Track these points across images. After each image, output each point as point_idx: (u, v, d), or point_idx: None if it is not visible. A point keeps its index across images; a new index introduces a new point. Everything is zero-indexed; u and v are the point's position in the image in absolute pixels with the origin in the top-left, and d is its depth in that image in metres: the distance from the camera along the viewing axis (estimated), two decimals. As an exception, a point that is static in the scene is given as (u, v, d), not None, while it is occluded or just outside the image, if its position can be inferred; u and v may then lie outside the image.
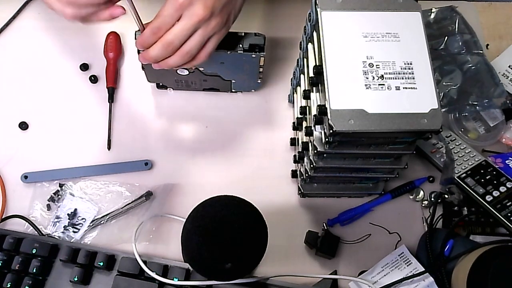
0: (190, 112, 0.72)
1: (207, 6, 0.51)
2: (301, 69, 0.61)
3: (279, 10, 0.80)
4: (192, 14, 0.51)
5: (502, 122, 0.70)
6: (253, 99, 0.73)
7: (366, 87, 0.47)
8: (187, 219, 0.51)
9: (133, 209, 0.66)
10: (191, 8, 0.51)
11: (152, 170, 0.69)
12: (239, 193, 0.53)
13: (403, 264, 0.61)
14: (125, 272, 0.60)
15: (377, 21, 0.50)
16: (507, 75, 0.73)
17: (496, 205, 0.63)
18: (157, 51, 0.54)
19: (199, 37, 0.53)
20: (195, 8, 0.51)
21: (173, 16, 0.52)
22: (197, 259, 0.49)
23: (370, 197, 0.68)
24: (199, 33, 0.53)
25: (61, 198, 0.66)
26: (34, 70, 0.74)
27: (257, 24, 0.78)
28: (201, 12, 0.51)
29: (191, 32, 0.53)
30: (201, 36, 0.53)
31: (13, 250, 0.61)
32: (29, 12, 0.78)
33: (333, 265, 0.64)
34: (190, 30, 0.52)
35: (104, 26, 0.75)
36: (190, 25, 0.52)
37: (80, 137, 0.70)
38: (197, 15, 0.51)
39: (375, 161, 0.56)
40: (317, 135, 0.53)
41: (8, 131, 0.70)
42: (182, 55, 0.54)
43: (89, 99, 0.73)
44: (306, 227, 0.65)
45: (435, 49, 0.73)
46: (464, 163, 0.67)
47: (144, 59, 0.56)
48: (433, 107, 0.47)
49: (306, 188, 0.64)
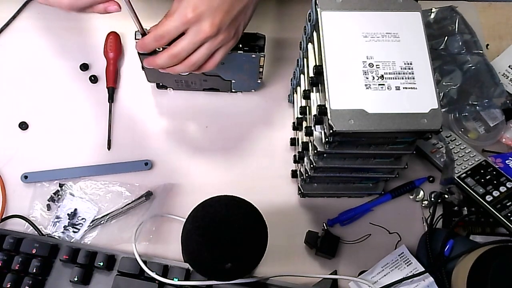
0: (190, 112, 0.72)
1: (214, 24, 0.51)
2: (301, 69, 0.61)
3: (279, 10, 0.80)
4: (199, 31, 0.51)
5: (502, 122, 0.70)
6: (253, 99, 0.73)
7: (366, 87, 0.47)
8: (187, 219, 0.51)
9: (133, 209, 0.66)
10: (198, 24, 0.51)
11: (152, 170, 0.69)
12: (239, 193, 0.53)
13: (403, 264, 0.61)
14: (125, 272, 0.60)
15: (377, 21, 0.50)
16: (507, 75, 0.73)
17: (496, 205, 0.63)
18: (163, 60, 0.54)
19: (205, 50, 0.54)
20: (202, 26, 0.51)
21: (178, 29, 0.52)
22: (197, 259, 0.49)
23: (370, 197, 0.68)
24: (206, 46, 0.53)
25: (61, 198, 0.66)
26: (34, 70, 0.74)
27: (257, 24, 0.78)
28: (208, 29, 0.51)
29: (197, 46, 0.53)
30: (208, 49, 0.54)
31: (13, 250, 0.61)
32: (29, 12, 0.78)
33: (333, 265, 0.64)
34: (197, 45, 0.53)
35: (104, 26, 0.76)
36: (197, 40, 0.52)
37: (80, 137, 0.70)
38: (204, 32, 0.51)
39: (375, 161, 0.56)
40: (317, 135, 0.53)
41: (8, 131, 0.70)
42: (189, 65, 0.55)
43: (89, 99, 0.73)
44: (306, 227, 0.65)
45: (435, 49, 0.73)
46: (464, 163, 0.67)
47: (149, 64, 0.56)
48: (433, 107, 0.47)
49: (306, 188, 0.64)
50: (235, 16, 0.54)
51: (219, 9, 0.51)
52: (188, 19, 0.51)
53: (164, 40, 0.53)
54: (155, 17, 0.78)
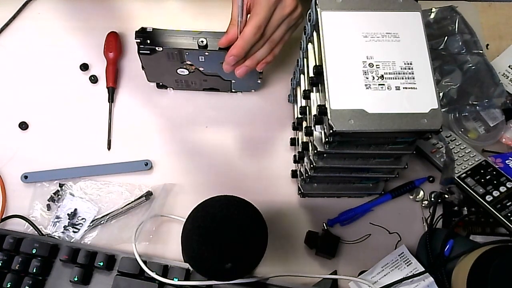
0: (190, 112, 0.72)
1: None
2: (301, 69, 0.61)
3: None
4: (284, 7, 0.57)
5: (502, 122, 0.70)
6: (253, 99, 0.73)
7: (366, 87, 0.47)
8: (187, 219, 0.51)
9: (133, 209, 0.66)
10: (283, 1, 0.57)
11: (152, 170, 0.69)
12: (239, 193, 0.53)
13: (403, 264, 0.61)
14: (125, 272, 0.60)
15: (377, 21, 0.50)
16: (507, 75, 0.73)
17: (496, 205, 0.63)
18: (248, 34, 0.56)
19: (285, 26, 0.59)
20: (286, 1, 0.57)
21: (269, 12, 0.56)
22: (197, 259, 0.49)
23: (370, 197, 0.68)
24: (285, 22, 0.59)
25: (61, 198, 0.66)
26: (34, 70, 0.74)
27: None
28: (291, 3, 0.57)
29: (281, 22, 0.58)
30: (287, 25, 0.59)
31: (13, 250, 0.61)
32: (29, 12, 0.78)
33: (333, 265, 0.64)
34: (280, 21, 0.58)
35: (104, 26, 0.76)
36: (282, 15, 0.57)
37: (80, 137, 0.70)
38: (289, 5, 0.57)
39: (375, 161, 0.56)
40: (317, 135, 0.53)
41: (8, 131, 0.70)
42: (273, 42, 0.59)
43: (89, 99, 0.73)
44: (306, 227, 0.65)
45: (435, 49, 0.73)
46: (464, 163, 0.67)
47: (238, 47, 0.57)
48: (433, 107, 0.47)
49: (306, 188, 0.64)
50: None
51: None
52: (274, 0, 0.56)
53: (261, 29, 0.56)
54: (156, 17, 0.79)
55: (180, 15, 0.79)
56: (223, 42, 0.58)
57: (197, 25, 0.64)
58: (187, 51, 0.61)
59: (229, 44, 0.58)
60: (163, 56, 0.62)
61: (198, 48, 0.60)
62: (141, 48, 0.61)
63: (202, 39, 0.60)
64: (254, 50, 0.58)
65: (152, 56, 0.62)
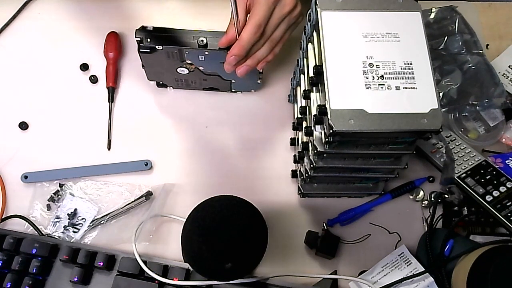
0: (190, 112, 0.72)
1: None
2: (301, 69, 0.61)
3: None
4: (283, 6, 0.57)
5: (502, 122, 0.70)
6: (253, 99, 0.73)
7: (366, 87, 0.47)
8: (187, 219, 0.51)
9: (133, 209, 0.66)
10: (283, 0, 0.57)
11: (152, 170, 0.69)
12: (239, 193, 0.53)
13: (403, 264, 0.61)
14: (125, 272, 0.60)
15: (377, 21, 0.50)
16: (507, 75, 0.73)
17: (496, 205, 0.63)
18: (248, 33, 0.56)
19: (284, 25, 0.59)
20: (285, 0, 0.57)
21: (269, 11, 0.56)
22: (197, 259, 0.49)
23: (370, 197, 0.68)
24: (285, 21, 0.59)
25: (61, 198, 0.66)
26: (34, 70, 0.74)
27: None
28: (290, 2, 0.57)
29: (280, 21, 0.58)
30: (286, 24, 0.59)
31: (13, 250, 0.61)
32: (29, 12, 0.78)
33: (333, 265, 0.64)
34: (280, 20, 0.58)
35: (104, 26, 0.76)
36: (282, 14, 0.57)
37: (80, 137, 0.70)
38: (289, 4, 0.57)
39: (375, 161, 0.56)
40: (317, 135, 0.53)
41: (8, 131, 0.70)
42: (273, 41, 0.59)
43: (89, 99, 0.73)
44: (306, 227, 0.65)
45: (435, 49, 0.73)
46: (464, 163, 0.67)
47: (239, 45, 0.57)
48: (433, 107, 0.47)
49: (306, 188, 0.64)
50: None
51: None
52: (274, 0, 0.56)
53: (261, 28, 0.56)
54: (156, 16, 0.79)
55: (180, 15, 0.79)
56: (223, 42, 0.58)
57: (197, 25, 0.63)
58: (187, 50, 0.61)
59: (229, 44, 0.58)
60: (163, 55, 0.62)
61: (198, 47, 0.60)
62: (141, 47, 0.61)
63: (202, 38, 0.60)
64: (254, 49, 0.58)
65: (152, 54, 0.62)
